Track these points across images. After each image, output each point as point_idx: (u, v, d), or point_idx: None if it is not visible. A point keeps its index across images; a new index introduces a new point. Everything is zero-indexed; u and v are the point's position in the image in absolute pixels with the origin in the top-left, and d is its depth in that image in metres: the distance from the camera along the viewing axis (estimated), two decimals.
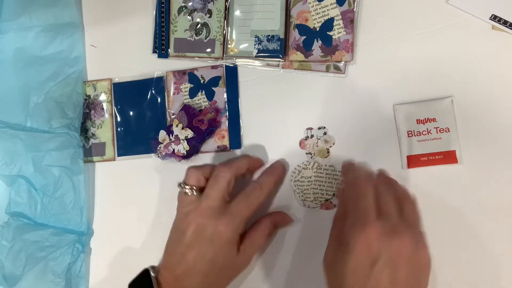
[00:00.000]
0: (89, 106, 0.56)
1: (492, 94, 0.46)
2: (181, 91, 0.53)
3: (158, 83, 0.54)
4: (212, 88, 0.52)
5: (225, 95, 0.52)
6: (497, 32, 0.46)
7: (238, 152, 0.52)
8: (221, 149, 0.52)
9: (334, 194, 0.48)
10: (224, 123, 0.52)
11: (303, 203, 0.49)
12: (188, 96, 0.53)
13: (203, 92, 0.52)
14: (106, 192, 0.56)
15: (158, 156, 0.51)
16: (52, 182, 0.53)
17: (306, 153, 0.49)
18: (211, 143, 0.52)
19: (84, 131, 0.56)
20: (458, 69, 0.47)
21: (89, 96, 0.56)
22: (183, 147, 0.48)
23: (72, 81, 0.55)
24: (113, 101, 0.55)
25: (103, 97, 0.56)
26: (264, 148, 0.51)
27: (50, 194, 0.53)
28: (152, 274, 0.42)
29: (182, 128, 0.49)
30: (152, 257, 0.47)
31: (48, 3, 0.55)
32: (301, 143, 0.50)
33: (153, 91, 0.54)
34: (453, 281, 0.45)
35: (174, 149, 0.49)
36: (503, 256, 0.44)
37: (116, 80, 0.55)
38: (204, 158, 0.52)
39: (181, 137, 0.49)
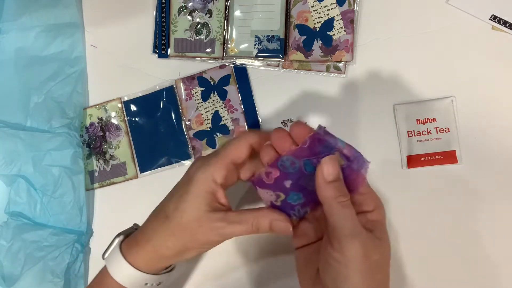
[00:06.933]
0: (103, 129, 0.56)
1: (492, 94, 0.46)
2: (193, 96, 0.53)
3: (168, 93, 0.54)
4: (224, 87, 0.52)
5: (239, 94, 0.52)
6: (497, 32, 0.46)
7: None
8: None
9: None
10: (242, 119, 0.51)
11: None
12: (201, 100, 0.53)
13: (215, 93, 0.52)
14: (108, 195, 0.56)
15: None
16: (51, 181, 0.53)
17: None
18: None
19: (102, 155, 0.55)
20: (458, 69, 0.47)
21: (101, 119, 0.56)
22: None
23: (73, 81, 0.55)
24: (126, 119, 0.55)
25: (115, 117, 0.55)
26: None
27: (49, 194, 0.53)
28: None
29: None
30: None
31: (49, 4, 0.55)
32: None
33: (165, 102, 0.54)
34: (452, 281, 0.45)
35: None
36: (503, 256, 0.44)
37: (126, 98, 0.55)
38: None
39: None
